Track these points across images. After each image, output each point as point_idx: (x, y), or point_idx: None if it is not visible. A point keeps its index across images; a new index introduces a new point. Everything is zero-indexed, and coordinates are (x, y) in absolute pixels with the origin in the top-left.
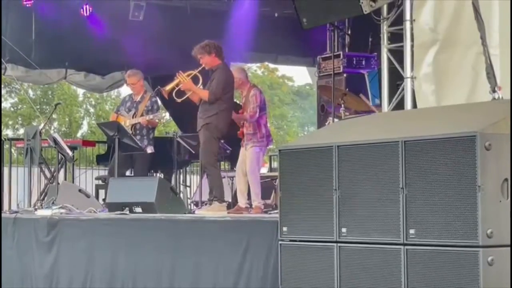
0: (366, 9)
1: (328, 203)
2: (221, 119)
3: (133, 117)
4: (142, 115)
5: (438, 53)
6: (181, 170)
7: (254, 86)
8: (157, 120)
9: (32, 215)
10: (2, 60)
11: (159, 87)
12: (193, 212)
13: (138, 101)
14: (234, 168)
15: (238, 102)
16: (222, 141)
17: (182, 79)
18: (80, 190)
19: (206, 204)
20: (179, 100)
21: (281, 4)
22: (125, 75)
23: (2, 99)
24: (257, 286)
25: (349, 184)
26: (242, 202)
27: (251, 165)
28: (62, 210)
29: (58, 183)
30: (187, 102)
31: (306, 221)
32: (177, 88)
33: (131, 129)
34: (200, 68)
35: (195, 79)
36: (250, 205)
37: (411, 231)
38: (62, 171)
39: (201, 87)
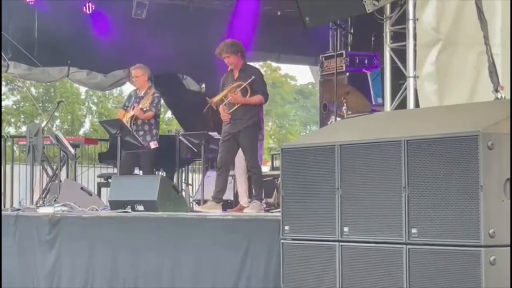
0: (369, 8)
1: (330, 202)
2: (261, 118)
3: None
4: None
5: (441, 52)
6: (183, 169)
7: None
8: (151, 112)
9: (34, 213)
10: (5, 57)
11: (207, 98)
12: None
13: (141, 96)
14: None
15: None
16: None
17: (231, 91)
18: (82, 188)
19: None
20: (225, 115)
21: (284, 2)
22: (131, 68)
23: (5, 96)
24: (259, 285)
25: (351, 183)
26: (244, 201)
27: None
28: (64, 208)
29: (60, 181)
30: (189, 101)
31: (308, 220)
32: (225, 101)
33: (133, 125)
34: (250, 80)
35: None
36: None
37: (413, 230)
38: (64, 169)
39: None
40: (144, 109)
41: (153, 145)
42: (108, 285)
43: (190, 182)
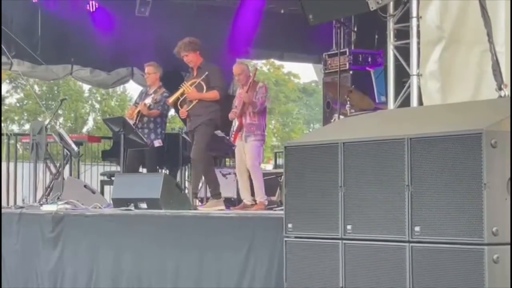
0: (373, 6)
1: (333, 200)
2: (219, 112)
3: None
4: (149, 107)
5: (444, 50)
6: (186, 167)
7: (257, 81)
8: (156, 110)
9: (37, 211)
10: (8, 55)
11: (166, 100)
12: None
13: (151, 94)
14: None
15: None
16: (227, 137)
17: (187, 89)
18: (85, 186)
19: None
20: (183, 110)
21: (287, 0)
22: (145, 64)
23: (8, 94)
24: (262, 283)
25: (355, 181)
26: (247, 199)
27: (254, 160)
28: (67, 206)
29: (64, 179)
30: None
31: (311, 218)
32: (181, 98)
33: (138, 122)
34: (203, 76)
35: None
36: (255, 201)
37: (416, 228)
38: (67, 167)
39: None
40: (148, 104)
41: (157, 143)
42: (111, 282)
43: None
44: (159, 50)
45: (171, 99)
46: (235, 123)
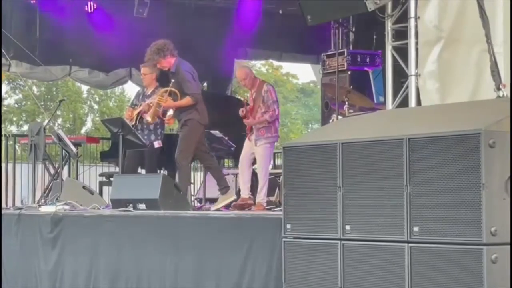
0: (371, 7)
1: (332, 200)
2: (200, 112)
3: None
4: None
5: (443, 50)
6: None
7: (263, 81)
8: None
9: (36, 212)
10: (7, 56)
11: (143, 116)
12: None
13: (149, 94)
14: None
15: (241, 98)
16: (226, 138)
17: (161, 100)
18: (84, 187)
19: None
20: (166, 118)
21: (286, 1)
22: (141, 65)
23: (7, 95)
24: (261, 283)
25: (353, 182)
26: (245, 193)
27: (264, 163)
28: (66, 207)
29: (62, 180)
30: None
31: (310, 219)
32: (160, 111)
33: (138, 123)
34: (171, 84)
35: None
36: (254, 200)
37: (415, 229)
38: (66, 168)
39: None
40: (151, 105)
41: (157, 144)
42: (110, 283)
43: (191, 180)
44: None
45: (149, 117)
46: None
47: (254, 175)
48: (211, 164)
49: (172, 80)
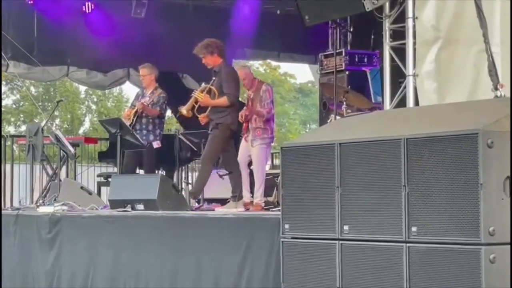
0: (369, 7)
1: (330, 201)
2: (232, 117)
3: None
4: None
5: (440, 50)
6: (183, 168)
7: (261, 81)
8: (157, 109)
9: (34, 212)
10: (4, 57)
11: (179, 108)
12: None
13: (147, 95)
14: None
15: (240, 99)
16: None
17: (199, 96)
18: (82, 187)
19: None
20: (201, 116)
21: (284, 1)
22: (139, 67)
23: (4, 96)
24: (259, 283)
25: (351, 182)
26: (246, 196)
27: (260, 163)
28: (64, 207)
29: (60, 180)
30: (189, 100)
31: (308, 219)
32: (196, 106)
33: (137, 123)
34: (212, 82)
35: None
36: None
37: (413, 229)
38: (64, 168)
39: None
40: (146, 104)
41: (156, 144)
42: (108, 284)
43: (190, 181)
44: (155, 51)
45: (184, 110)
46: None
47: (252, 175)
48: (233, 170)
49: (214, 78)
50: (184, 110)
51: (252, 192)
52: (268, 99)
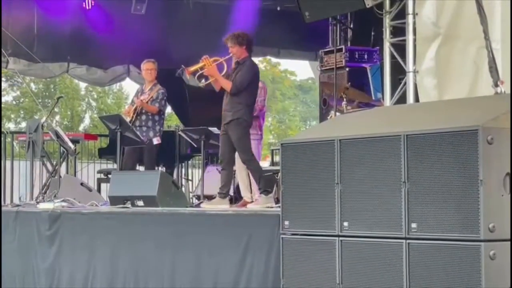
0: (369, 3)
1: (330, 197)
2: (248, 113)
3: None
4: (147, 103)
5: (441, 47)
6: (183, 164)
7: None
8: (155, 105)
9: (34, 209)
10: (4, 53)
11: (183, 66)
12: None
13: (147, 91)
14: None
15: None
16: None
17: (207, 64)
18: (82, 184)
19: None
20: (200, 84)
21: None
22: (143, 62)
23: (4, 92)
24: (259, 280)
25: (351, 178)
26: (247, 196)
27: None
28: (64, 204)
29: (60, 177)
30: (189, 96)
31: (308, 215)
32: (200, 72)
33: (136, 120)
34: (227, 57)
35: (219, 67)
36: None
37: (413, 225)
38: (64, 165)
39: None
40: (145, 101)
41: (156, 141)
42: (108, 280)
43: (190, 177)
44: (155, 47)
45: (191, 69)
46: None
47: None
48: (227, 167)
49: (234, 66)
50: (190, 69)
51: (252, 192)
52: (262, 96)
